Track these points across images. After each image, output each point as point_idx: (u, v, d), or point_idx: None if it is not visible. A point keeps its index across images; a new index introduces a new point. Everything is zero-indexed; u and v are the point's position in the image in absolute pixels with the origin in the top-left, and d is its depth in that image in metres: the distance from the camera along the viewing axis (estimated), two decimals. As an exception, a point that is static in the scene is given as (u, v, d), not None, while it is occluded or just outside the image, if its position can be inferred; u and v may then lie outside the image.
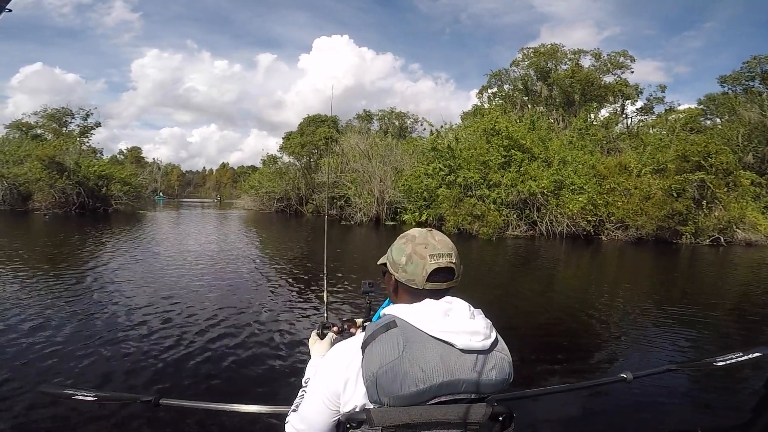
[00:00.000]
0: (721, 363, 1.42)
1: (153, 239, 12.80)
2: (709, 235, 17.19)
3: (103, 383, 3.28)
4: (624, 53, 29.08)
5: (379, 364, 0.83)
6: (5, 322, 4.52)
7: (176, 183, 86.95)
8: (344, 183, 24.25)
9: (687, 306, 6.70)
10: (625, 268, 11.93)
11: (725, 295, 8.23)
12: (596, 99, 27.89)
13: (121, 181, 24.50)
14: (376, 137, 27.85)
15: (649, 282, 9.53)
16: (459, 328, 0.86)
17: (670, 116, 27.26)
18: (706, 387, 3.67)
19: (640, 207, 17.11)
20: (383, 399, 0.83)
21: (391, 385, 0.82)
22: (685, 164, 17.62)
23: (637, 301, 7.00)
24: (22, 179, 21.77)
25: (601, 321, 5.72)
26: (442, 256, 0.96)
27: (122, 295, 5.84)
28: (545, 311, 6.25)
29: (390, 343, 0.84)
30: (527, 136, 19.94)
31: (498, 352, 0.89)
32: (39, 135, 30.99)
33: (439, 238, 0.99)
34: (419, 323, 0.87)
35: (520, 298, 7.17)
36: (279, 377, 3.53)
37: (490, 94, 32.42)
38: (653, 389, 3.37)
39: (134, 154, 66.37)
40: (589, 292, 7.97)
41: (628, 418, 3.08)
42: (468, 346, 0.85)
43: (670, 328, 5.44)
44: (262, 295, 6.25)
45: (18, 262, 7.88)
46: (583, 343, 4.89)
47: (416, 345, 0.84)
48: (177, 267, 8.20)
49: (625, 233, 17.63)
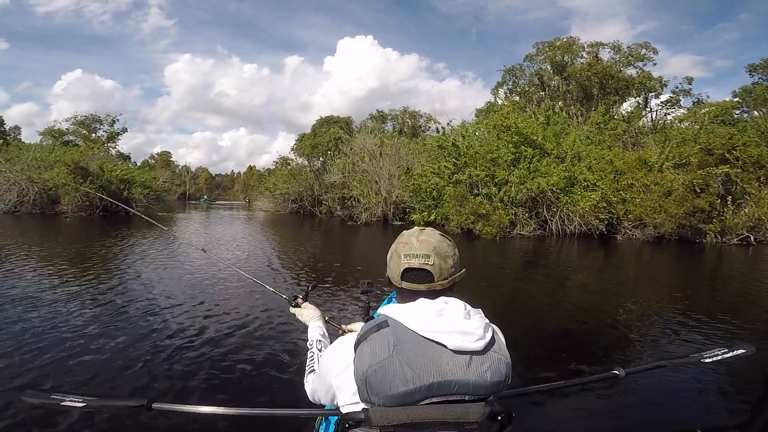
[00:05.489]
0: (708, 359, 1.41)
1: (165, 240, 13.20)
2: (737, 234, 15.99)
3: (99, 384, 3.22)
4: (646, 45, 27.66)
5: (368, 363, 0.84)
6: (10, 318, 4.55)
7: (204, 186, 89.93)
8: (352, 183, 24.27)
9: (714, 311, 6.01)
10: (642, 268, 11.17)
11: (758, 299, 7.38)
12: (616, 92, 26.64)
13: (141, 185, 25.48)
14: (385, 136, 27.70)
15: (668, 284, 8.81)
16: (451, 329, 0.86)
17: (702, 109, 25.70)
18: (700, 382, 3.58)
19: (659, 204, 16.11)
20: (373, 398, 0.84)
21: (380, 384, 0.82)
22: (708, 158, 16.46)
23: (653, 305, 6.45)
24: (51, 184, 23.03)
25: (611, 325, 5.31)
26: (417, 257, 0.95)
27: (125, 294, 5.88)
28: (551, 313, 5.89)
29: (380, 343, 0.85)
30: (540, 131, 19.25)
31: (494, 353, 0.87)
32: (69, 141, 32.77)
33: (424, 239, 0.98)
34: (411, 323, 0.87)
35: (523, 300, 6.80)
36: (278, 381, 3.41)
37: (506, 91, 31.64)
38: (647, 385, 3.37)
39: (164, 158, 69.36)
40: (599, 294, 7.48)
41: (622, 414, 3.07)
42: (459, 346, 0.84)
43: (698, 334, 4.95)
44: (267, 297, 5.93)
45: (27, 260, 8.17)
46: (592, 349, 4.57)
47: (407, 345, 0.84)
48: (183, 267, 8.28)
49: (643, 232, 16.66)
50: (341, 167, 25.97)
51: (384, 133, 30.68)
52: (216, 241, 13.34)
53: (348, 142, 27.62)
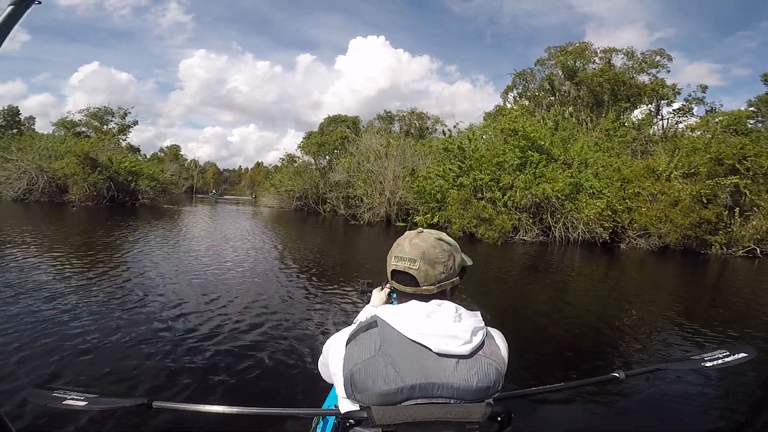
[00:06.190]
0: (709, 363, 1.39)
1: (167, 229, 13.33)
2: (744, 246, 15.71)
3: (99, 381, 3.21)
4: (660, 51, 27.22)
5: (354, 361, 0.86)
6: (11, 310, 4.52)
7: (212, 180, 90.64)
8: (357, 182, 24.28)
9: (716, 320, 5.99)
10: (645, 277, 11.01)
11: (761, 309, 7.29)
12: (628, 99, 26.29)
13: (148, 177, 25.75)
14: (391, 137, 27.68)
15: (670, 293, 8.71)
16: (437, 332, 0.86)
17: (715, 118, 25.24)
18: (700, 385, 3.56)
19: (665, 214, 15.88)
20: (357, 395, 0.85)
21: (364, 382, 0.84)
22: (717, 168, 16.17)
23: (655, 312, 6.39)
24: (60, 173, 23.36)
25: (611, 330, 5.27)
26: (403, 260, 0.97)
27: (124, 288, 5.86)
28: (552, 317, 5.84)
29: (368, 343, 0.87)
30: (548, 136, 19.08)
31: (484, 357, 0.87)
32: (81, 132, 33.21)
33: (416, 243, 0.98)
34: (398, 325, 0.88)
35: (524, 304, 6.77)
36: (278, 381, 3.41)
37: (516, 95, 31.43)
38: (647, 388, 3.36)
39: (173, 152, 70.05)
40: (601, 300, 7.41)
41: (621, 416, 3.07)
42: (444, 350, 0.84)
43: (698, 340, 4.93)
44: (272, 297, 5.98)
45: (32, 249, 8.24)
46: (593, 353, 4.54)
47: (392, 346, 0.85)
48: (184, 258, 8.38)
49: (648, 242, 16.44)
50: (346, 166, 25.99)
51: (391, 134, 30.67)
52: (223, 237, 13.43)
53: (354, 142, 27.65)
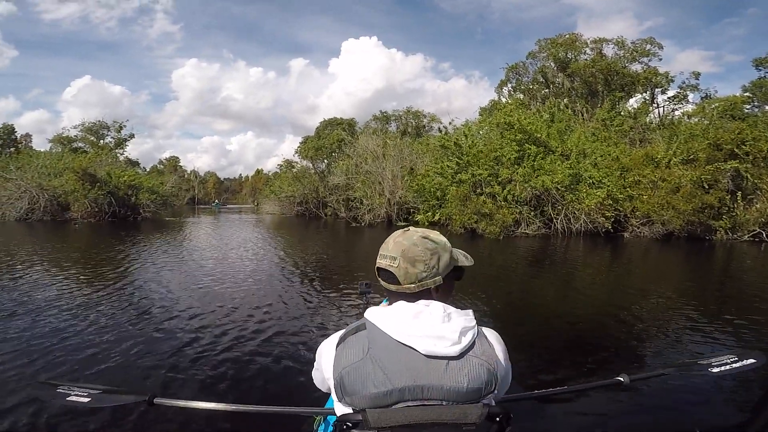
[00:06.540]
0: (716, 369, 1.38)
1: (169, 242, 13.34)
2: (749, 230, 15.63)
3: (100, 377, 3.32)
4: (650, 40, 27.22)
5: (343, 365, 0.85)
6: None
7: (212, 190, 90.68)
8: (356, 185, 24.27)
9: (725, 314, 5.80)
10: (650, 267, 10.92)
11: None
12: (622, 88, 26.28)
13: (149, 190, 25.75)
14: (388, 137, 27.68)
15: (676, 284, 8.54)
16: (424, 333, 0.85)
17: (711, 104, 25.22)
18: (703, 390, 3.48)
19: (666, 200, 15.84)
20: (347, 398, 0.85)
21: (353, 385, 0.84)
22: (716, 153, 16.13)
23: (662, 306, 6.27)
24: (60, 191, 23.38)
25: (617, 328, 5.17)
26: (385, 257, 0.98)
27: (133, 293, 6.11)
28: (556, 315, 5.76)
29: (356, 346, 0.87)
30: (544, 129, 19.06)
31: (475, 357, 0.86)
32: (78, 148, 33.25)
33: (399, 240, 0.98)
34: (386, 327, 0.87)
35: (527, 301, 6.69)
36: (279, 381, 3.45)
37: (510, 89, 31.41)
38: (651, 392, 3.30)
39: (172, 163, 70.23)
40: (606, 294, 7.32)
41: (625, 421, 3.01)
42: (431, 351, 0.84)
43: (707, 340, 4.75)
44: (275, 301, 6.05)
45: (38, 265, 8.33)
46: (597, 353, 4.43)
47: (380, 348, 0.85)
48: (188, 268, 8.42)
49: (651, 229, 16.38)
50: (345, 169, 25.99)
51: (387, 134, 30.67)
52: (226, 245, 13.43)
53: (351, 144, 27.65)
